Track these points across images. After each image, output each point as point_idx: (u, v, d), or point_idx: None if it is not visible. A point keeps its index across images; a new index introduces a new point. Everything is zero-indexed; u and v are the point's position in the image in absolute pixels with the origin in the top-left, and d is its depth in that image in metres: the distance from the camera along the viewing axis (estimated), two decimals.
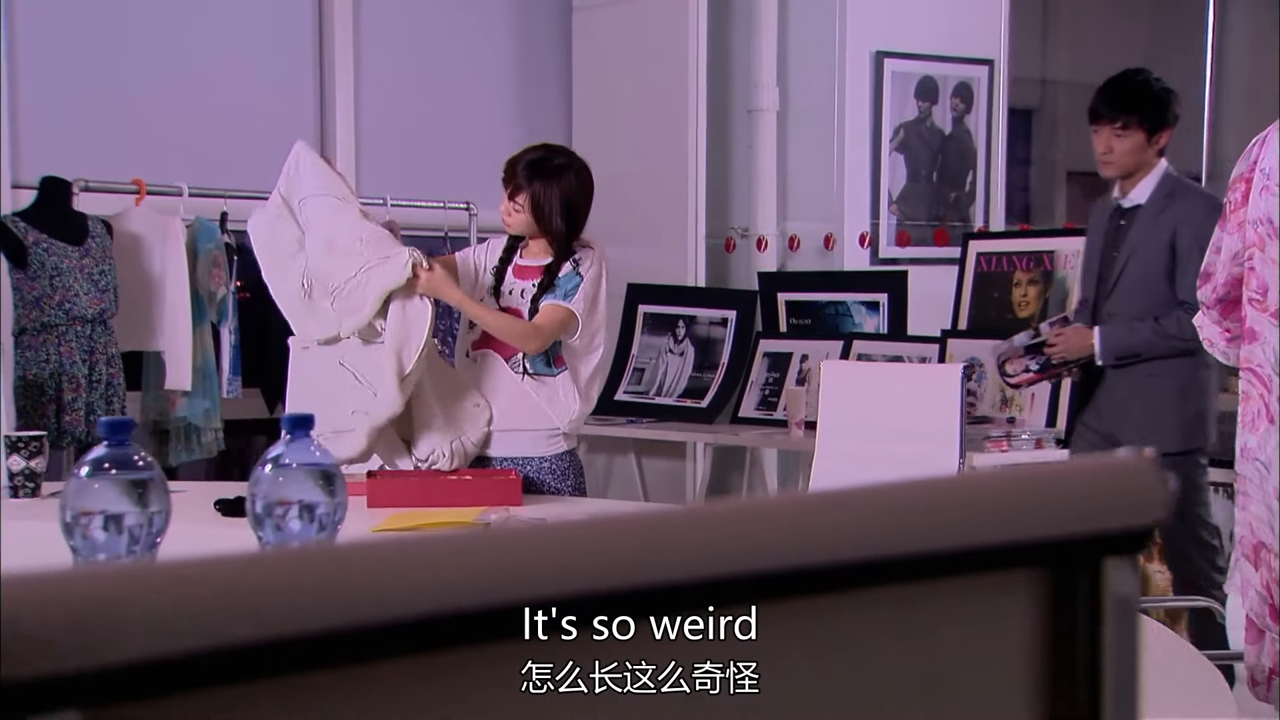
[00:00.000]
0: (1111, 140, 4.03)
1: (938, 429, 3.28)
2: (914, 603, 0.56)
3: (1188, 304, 3.79)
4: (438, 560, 0.46)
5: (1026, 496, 0.57)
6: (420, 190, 5.81)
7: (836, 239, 5.91)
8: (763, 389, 5.53)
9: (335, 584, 0.43)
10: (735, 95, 6.15)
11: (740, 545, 0.54)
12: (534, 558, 0.50)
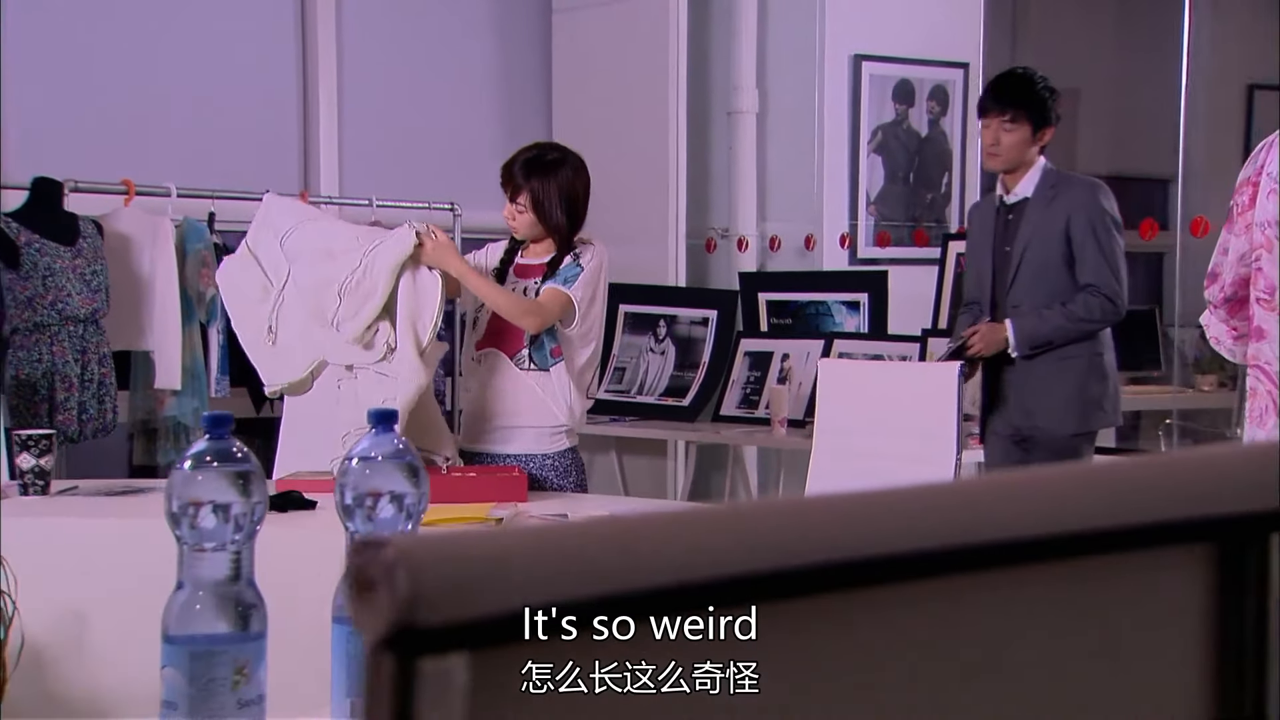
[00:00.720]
0: (1000, 133, 4.11)
1: (934, 426, 3.36)
2: (1089, 578, 0.62)
3: (1091, 286, 3.99)
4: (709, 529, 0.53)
5: (1196, 475, 0.64)
6: (404, 191, 5.85)
7: (816, 239, 5.99)
8: (744, 388, 5.60)
9: (668, 543, 0.50)
10: (715, 97, 6.22)
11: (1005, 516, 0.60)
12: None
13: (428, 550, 0.46)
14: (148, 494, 3.62)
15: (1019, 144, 4.10)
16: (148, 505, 3.47)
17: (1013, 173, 4.16)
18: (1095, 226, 4.03)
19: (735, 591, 0.52)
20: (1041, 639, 0.64)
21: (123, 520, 3.28)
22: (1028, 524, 0.64)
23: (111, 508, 3.41)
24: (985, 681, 0.64)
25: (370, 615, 0.46)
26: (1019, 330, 4.07)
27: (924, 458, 3.36)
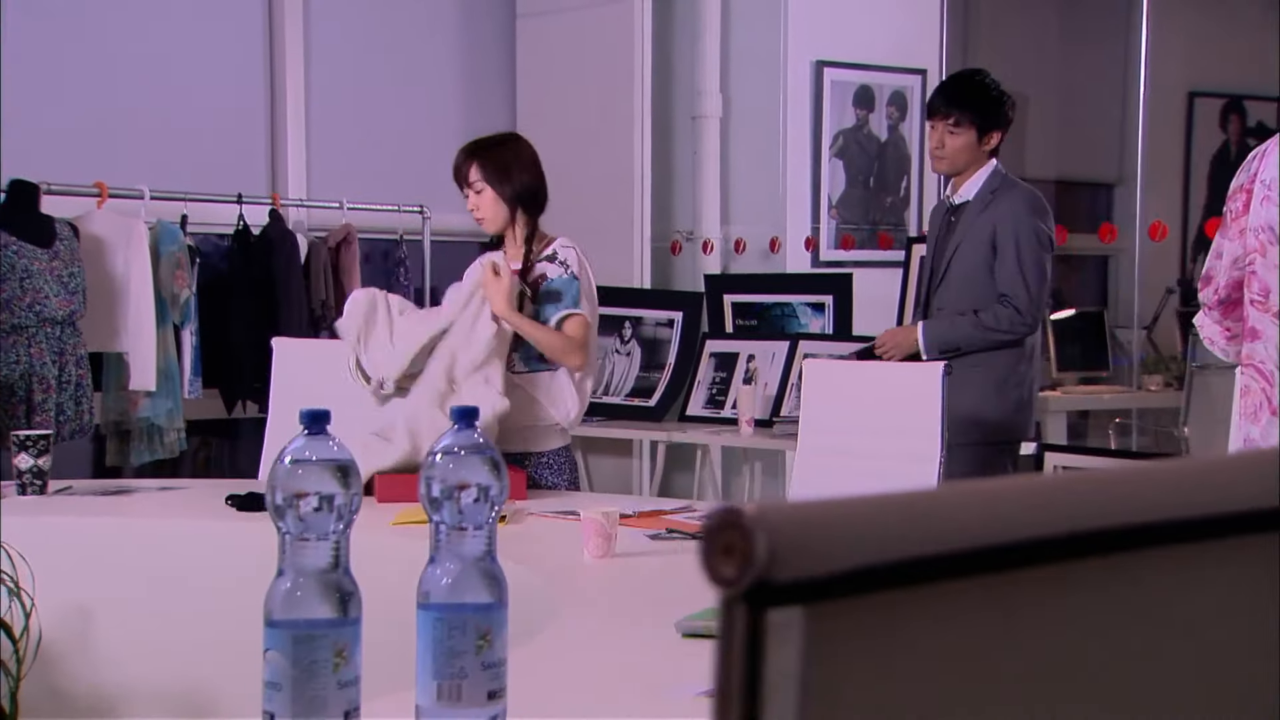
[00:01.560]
0: (944, 136, 4.10)
1: (919, 425, 3.45)
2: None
3: (1004, 297, 3.98)
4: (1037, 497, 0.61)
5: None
6: (374, 194, 5.90)
7: (781, 242, 6.09)
8: (710, 388, 5.69)
9: (974, 513, 0.58)
10: (679, 102, 6.31)
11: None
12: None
13: (779, 516, 0.54)
14: (144, 493, 3.66)
15: (964, 147, 4.09)
16: (146, 504, 3.52)
17: (961, 175, 4.15)
18: (1019, 238, 4.01)
19: (1035, 552, 0.60)
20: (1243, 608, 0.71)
21: (124, 519, 3.33)
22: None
23: (111, 507, 3.46)
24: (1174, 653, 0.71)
25: (729, 572, 0.54)
26: (928, 334, 4.08)
27: (909, 456, 3.46)
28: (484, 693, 1.48)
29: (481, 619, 1.49)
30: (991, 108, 4.11)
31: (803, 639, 0.55)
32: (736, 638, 0.55)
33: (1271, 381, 2.36)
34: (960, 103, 4.10)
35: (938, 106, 4.14)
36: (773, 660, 0.54)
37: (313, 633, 1.41)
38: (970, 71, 4.28)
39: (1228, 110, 9.13)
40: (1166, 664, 0.66)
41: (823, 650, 0.55)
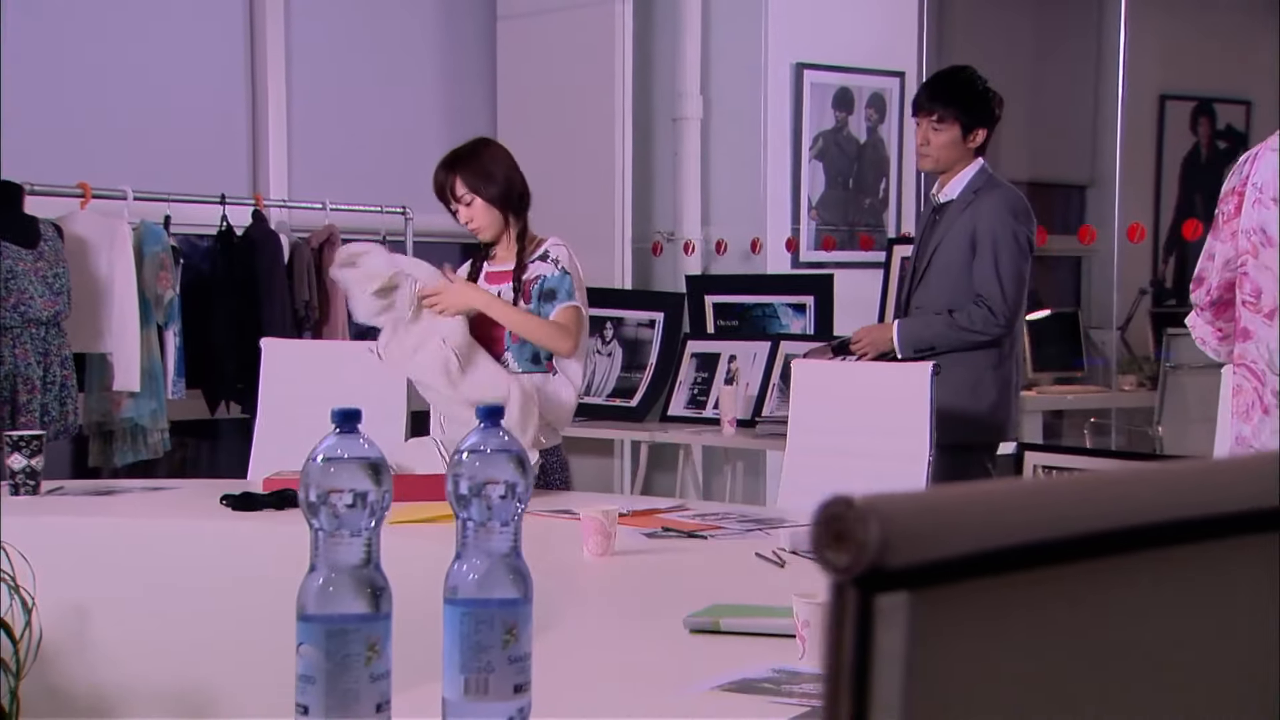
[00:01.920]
0: (928, 133, 4.06)
1: (907, 425, 3.49)
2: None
3: (979, 298, 3.95)
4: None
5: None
6: (357, 195, 5.91)
7: (762, 243, 6.13)
8: (691, 388, 5.72)
9: (1070, 502, 0.61)
10: (659, 103, 6.34)
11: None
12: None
13: (889, 505, 0.57)
14: (138, 494, 3.67)
15: (948, 144, 4.05)
16: (141, 504, 3.53)
17: (947, 172, 4.12)
18: (997, 240, 3.98)
19: (1128, 540, 0.63)
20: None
21: (119, 519, 3.34)
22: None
23: (105, 507, 3.47)
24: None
25: (842, 559, 0.57)
26: (903, 332, 4.07)
27: (897, 456, 3.50)
28: (510, 686, 1.51)
29: (508, 614, 1.52)
30: (975, 104, 4.07)
31: (909, 623, 0.58)
32: (847, 621, 0.58)
33: (1263, 381, 2.41)
34: (943, 99, 4.06)
35: (922, 103, 4.11)
36: (880, 643, 0.58)
37: (346, 627, 1.44)
38: (955, 68, 4.21)
39: (1198, 113, 9.22)
40: (1240, 647, 0.69)
41: (927, 633, 0.58)
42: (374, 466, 1.45)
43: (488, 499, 1.51)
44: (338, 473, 1.44)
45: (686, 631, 2.07)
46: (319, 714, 1.43)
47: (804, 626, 1.88)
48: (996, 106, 4.13)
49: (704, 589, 2.37)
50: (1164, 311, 8.53)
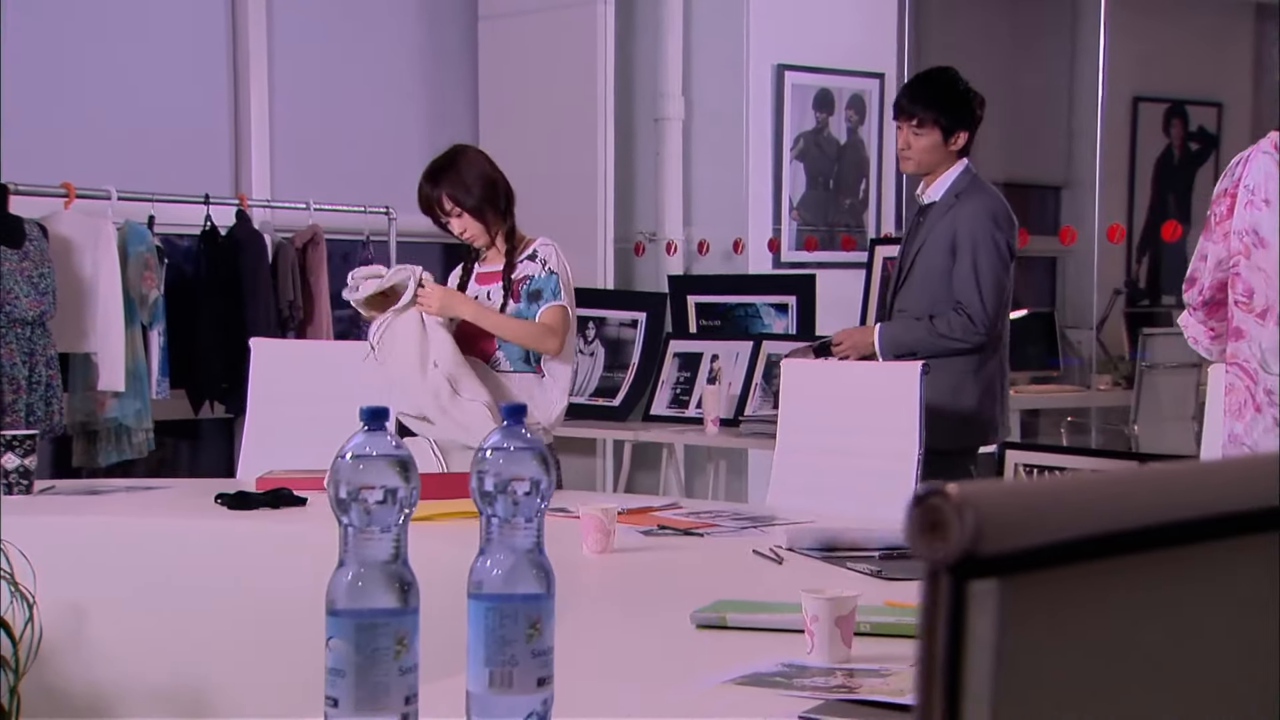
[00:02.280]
0: (909, 137, 4.04)
1: (897, 424, 3.53)
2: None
3: (959, 304, 3.93)
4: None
5: None
6: (340, 195, 5.92)
7: (744, 244, 6.17)
8: (674, 388, 5.75)
9: (1152, 492, 0.65)
10: (641, 104, 6.37)
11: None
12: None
13: (982, 496, 0.60)
14: (131, 493, 3.68)
15: (929, 148, 4.03)
16: (135, 504, 3.54)
17: (930, 175, 4.10)
18: (977, 246, 3.96)
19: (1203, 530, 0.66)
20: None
21: (115, 518, 3.35)
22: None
23: (100, 506, 3.48)
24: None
25: (937, 547, 0.60)
26: (884, 336, 4.05)
27: (888, 455, 3.54)
28: (534, 679, 1.54)
29: (532, 608, 1.54)
30: (956, 107, 4.05)
31: (998, 608, 0.61)
32: (941, 607, 0.61)
33: (1255, 379, 2.45)
34: (924, 103, 4.04)
35: (903, 107, 4.09)
36: (972, 628, 0.61)
37: (375, 621, 1.46)
38: (935, 70, 4.18)
39: (1170, 115, 9.31)
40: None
41: (1015, 618, 0.61)
42: (402, 463, 1.48)
43: (513, 495, 1.53)
44: (367, 470, 1.46)
45: (693, 627, 2.10)
46: (349, 707, 1.45)
47: (812, 621, 1.91)
48: (978, 108, 4.11)
49: (705, 585, 2.40)
50: (1138, 311, 8.62)
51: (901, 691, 1.72)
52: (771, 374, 5.54)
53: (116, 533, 3.23)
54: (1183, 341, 7.64)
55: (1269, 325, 2.45)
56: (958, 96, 4.08)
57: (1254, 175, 2.45)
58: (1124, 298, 8.54)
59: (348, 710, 1.45)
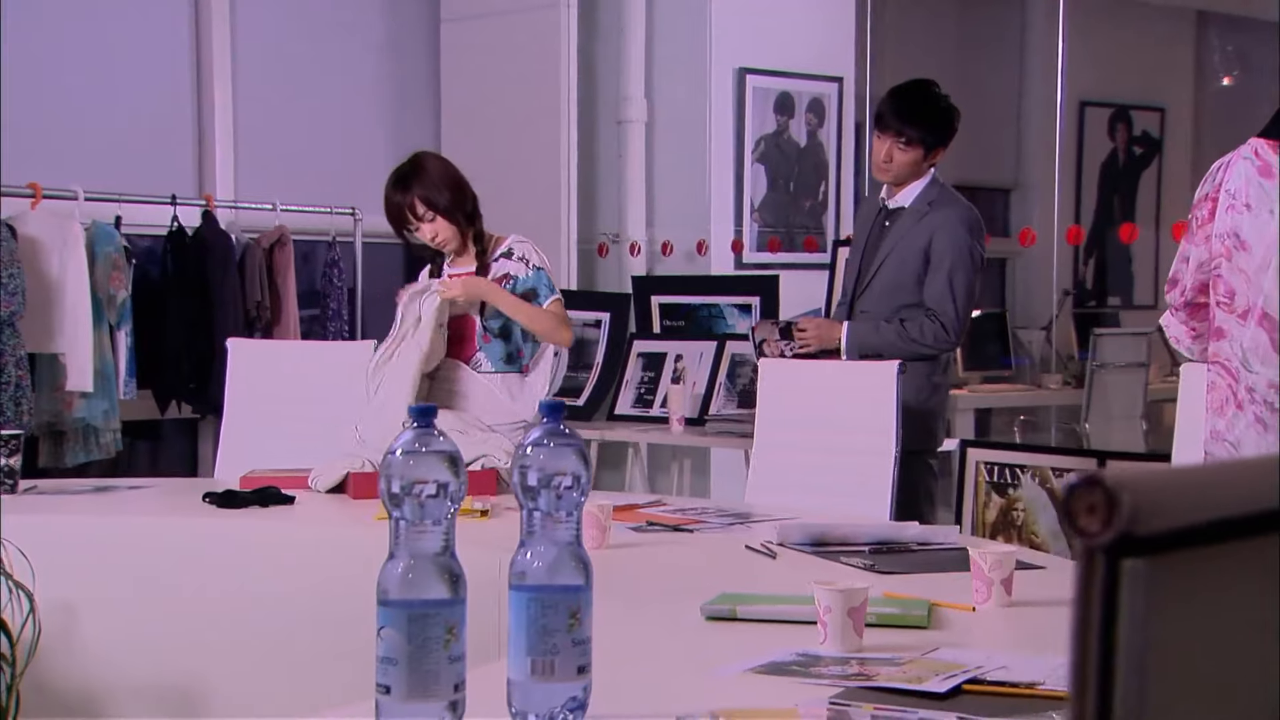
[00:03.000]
0: (893, 151, 4.05)
1: (874, 422, 3.60)
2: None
3: (930, 311, 3.96)
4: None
5: None
6: (305, 196, 5.94)
7: (708, 245, 6.24)
8: (638, 387, 5.81)
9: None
10: (604, 106, 6.43)
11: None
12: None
13: (1135, 480, 0.67)
14: (117, 492, 3.70)
15: (911, 163, 4.07)
16: (122, 503, 3.56)
17: (900, 184, 4.14)
18: (953, 257, 4.00)
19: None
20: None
21: (104, 518, 3.37)
22: None
23: (85, 505, 3.49)
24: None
25: (1094, 526, 0.66)
26: (852, 335, 4.06)
27: (865, 452, 3.61)
28: (575, 667, 1.59)
29: (572, 599, 1.60)
30: (940, 126, 4.09)
31: (1151, 586, 0.67)
32: (1095, 585, 0.67)
33: (1237, 378, 2.54)
34: (911, 122, 4.05)
35: (889, 123, 4.09)
36: (1125, 605, 0.67)
37: (427, 611, 1.51)
38: (919, 85, 4.18)
39: (1115, 120, 9.47)
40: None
41: (1168, 596, 0.67)
42: (452, 459, 1.53)
43: (556, 490, 1.58)
44: (420, 465, 1.51)
45: (702, 619, 2.16)
46: (401, 693, 1.50)
47: (825, 612, 1.98)
48: (956, 121, 4.16)
49: (703, 579, 2.46)
50: (1087, 312, 8.77)
51: (919, 679, 1.79)
52: (735, 374, 5.61)
53: (108, 531, 3.25)
54: (1132, 342, 7.80)
55: (1249, 325, 2.54)
56: (942, 114, 4.11)
57: (1235, 180, 2.54)
58: (1071, 298, 8.69)
59: (400, 697, 1.50)
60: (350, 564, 2.93)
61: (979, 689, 1.76)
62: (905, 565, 2.62)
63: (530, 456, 1.60)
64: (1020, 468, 5.13)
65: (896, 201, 4.17)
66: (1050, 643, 2.05)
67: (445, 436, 1.56)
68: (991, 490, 5.23)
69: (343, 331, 5.84)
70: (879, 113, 4.18)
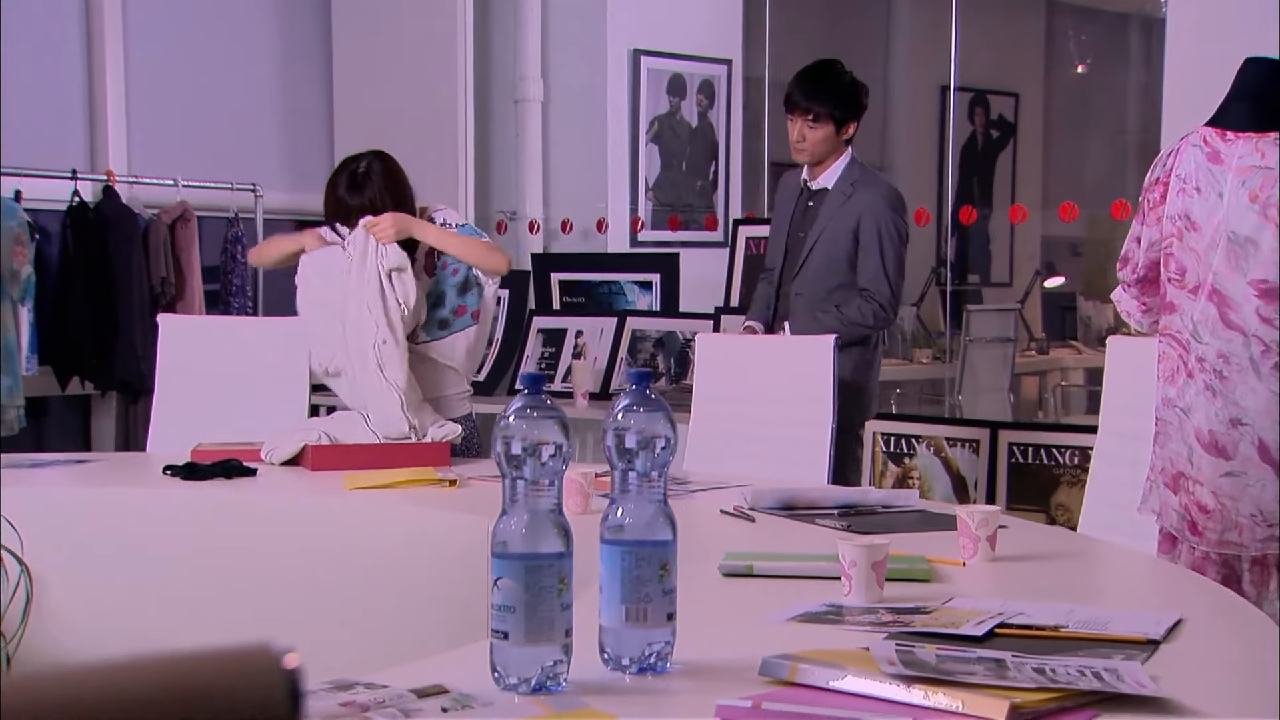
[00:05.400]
0: (805, 130, 4.19)
1: (811, 394, 3.76)
2: None
3: (866, 292, 4.13)
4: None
5: None
6: (206, 172, 5.92)
7: (607, 223, 6.35)
8: (539, 363, 5.92)
9: None
10: (500, 86, 6.50)
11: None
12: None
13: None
14: (63, 466, 3.70)
15: (824, 139, 4.20)
16: (76, 476, 3.57)
17: (820, 163, 4.25)
18: (882, 234, 4.15)
19: None
20: None
21: (72, 490, 3.38)
22: None
23: (47, 478, 3.50)
24: None
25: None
26: (795, 333, 4.15)
27: (801, 423, 3.77)
28: (665, 614, 1.72)
29: (663, 552, 1.73)
30: (847, 100, 4.24)
31: None
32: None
33: (1187, 349, 2.75)
34: (819, 98, 4.20)
35: (797, 102, 4.22)
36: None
37: (541, 563, 1.62)
38: (824, 64, 4.32)
39: (973, 104, 9.80)
40: None
41: None
42: (563, 423, 1.64)
43: (652, 450, 1.71)
44: (539, 428, 1.62)
45: (719, 575, 2.29)
46: (519, 638, 1.61)
47: (850, 566, 2.12)
48: (864, 97, 4.32)
49: (695, 541, 2.58)
50: (950, 290, 9.08)
51: (954, 624, 1.94)
52: (637, 349, 5.75)
53: (81, 503, 3.27)
54: (999, 318, 8.10)
55: (1200, 300, 2.74)
56: (847, 89, 4.27)
57: (1185, 165, 2.74)
58: (935, 276, 8.99)
59: (518, 642, 1.62)
60: (332, 532, 3.01)
61: (1010, 632, 1.92)
62: (875, 526, 2.77)
63: (621, 421, 1.72)
64: (916, 438, 5.36)
65: (819, 182, 4.29)
66: (1044, 591, 2.23)
67: (554, 402, 1.68)
68: (888, 460, 5.46)
69: (246, 307, 5.84)
70: (787, 95, 4.30)
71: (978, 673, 1.62)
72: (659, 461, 1.73)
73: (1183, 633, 1.92)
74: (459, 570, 2.88)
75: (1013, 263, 9.71)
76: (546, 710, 1.55)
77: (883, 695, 1.57)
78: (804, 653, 1.77)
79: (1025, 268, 9.54)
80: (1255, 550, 2.70)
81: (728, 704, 1.54)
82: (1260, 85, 2.73)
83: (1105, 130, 10.19)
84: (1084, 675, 1.62)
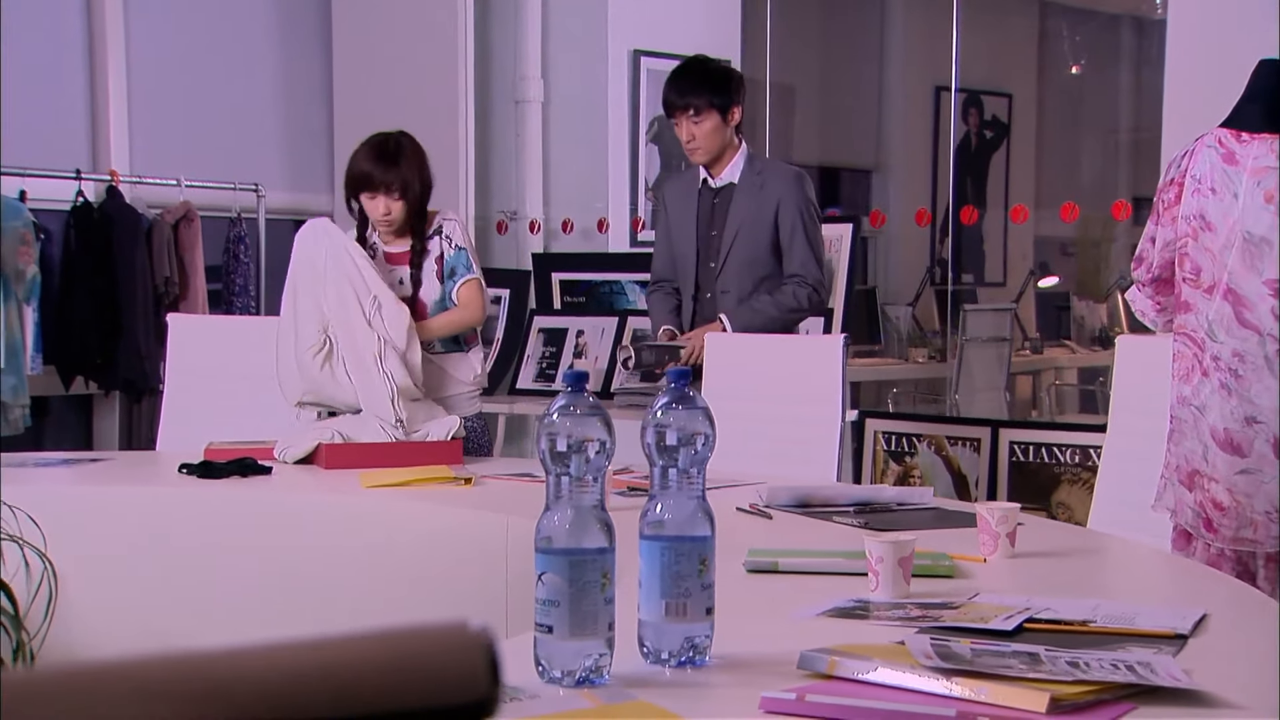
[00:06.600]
0: (691, 128, 4.18)
1: (821, 392, 3.79)
2: None
3: (798, 277, 4.15)
4: None
5: None
6: (208, 172, 5.94)
7: (608, 223, 6.38)
8: (540, 363, 5.94)
9: None
10: (500, 86, 6.52)
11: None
12: None
13: None
14: (80, 465, 3.72)
15: (712, 132, 4.16)
16: (93, 474, 3.58)
17: (717, 161, 4.23)
18: (802, 217, 4.16)
19: None
20: None
21: (92, 488, 3.40)
22: None
23: (65, 477, 3.51)
24: None
25: None
26: (735, 326, 4.18)
27: (811, 421, 3.80)
28: (704, 609, 1.74)
29: (702, 548, 1.75)
30: (722, 86, 4.20)
31: None
32: None
33: (1202, 347, 2.78)
34: (693, 92, 4.18)
35: (674, 102, 4.21)
36: None
37: (585, 559, 1.65)
38: (692, 60, 4.31)
39: (967, 105, 9.84)
40: None
41: None
42: (606, 421, 1.67)
43: (693, 448, 1.73)
44: (584, 426, 1.64)
45: (744, 572, 2.31)
46: (564, 632, 1.63)
47: (877, 562, 2.14)
48: (737, 81, 4.28)
49: (719, 537, 2.60)
50: (945, 289, 9.13)
51: (983, 619, 1.97)
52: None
53: (103, 501, 3.28)
54: (996, 317, 8.14)
55: (1215, 299, 2.78)
56: (718, 76, 4.24)
57: (1200, 166, 2.77)
58: (929, 276, 9.04)
59: (562, 635, 1.64)
60: (349, 530, 3.03)
61: (1038, 627, 1.94)
62: (892, 523, 2.79)
63: (663, 419, 1.74)
64: (917, 436, 5.40)
65: (722, 179, 4.28)
66: (1066, 587, 2.26)
67: (598, 401, 1.70)
68: (889, 458, 5.49)
69: (249, 307, 5.85)
70: (665, 101, 4.29)
71: (1014, 666, 1.64)
72: (699, 458, 1.75)
73: (1208, 627, 1.95)
74: (476, 568, 2.90)
75: (1006, 262, 9.76)
76: (595, 702, 1.57)
77: (923, 688, 1.59)
78: (841, 646, 1.80)
79: (1019, 268, 9.59)
80: (1270, 546, 2.74)
81: (772, 695, 1.56)
82: (1274, 86, 2.76)
83: (1098, 131, 10.24)
84: (1118, 669, 1.64)
